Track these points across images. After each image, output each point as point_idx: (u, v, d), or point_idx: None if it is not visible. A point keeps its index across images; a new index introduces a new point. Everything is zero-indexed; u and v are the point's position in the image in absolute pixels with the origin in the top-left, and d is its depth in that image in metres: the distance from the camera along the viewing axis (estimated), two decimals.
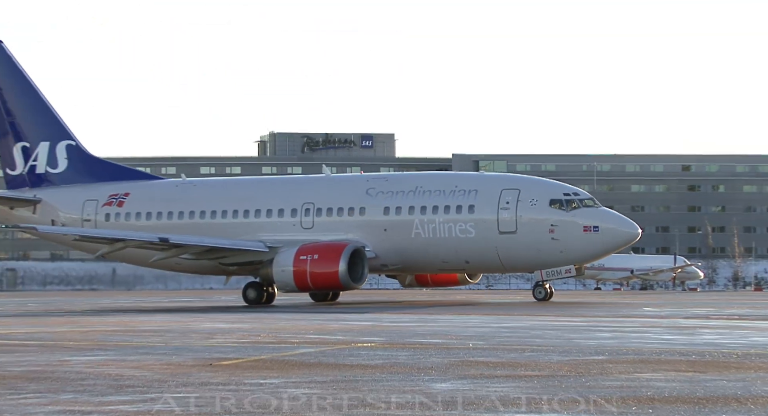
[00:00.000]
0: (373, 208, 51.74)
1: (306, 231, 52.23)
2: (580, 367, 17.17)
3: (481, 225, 49.45)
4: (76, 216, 57.15)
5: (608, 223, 48.62)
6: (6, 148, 60.11)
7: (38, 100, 60.12)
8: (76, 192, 58.07)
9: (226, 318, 36.34)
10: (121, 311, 43.87)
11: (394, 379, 15.52)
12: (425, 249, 50.81)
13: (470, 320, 33.32)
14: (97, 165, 60.57)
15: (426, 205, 50.64)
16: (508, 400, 13.14)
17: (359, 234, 51.21)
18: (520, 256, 49.64)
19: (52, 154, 59.42)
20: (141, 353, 20.67)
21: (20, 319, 36.52)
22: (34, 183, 59.24)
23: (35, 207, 58.39)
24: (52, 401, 13.37)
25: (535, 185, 50.91)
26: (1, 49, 60.18)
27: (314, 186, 56.13)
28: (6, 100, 59.69)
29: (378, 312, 39.87)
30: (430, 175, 55.95)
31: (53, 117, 60.20)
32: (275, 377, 15.97)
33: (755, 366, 17.31)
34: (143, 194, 57.53)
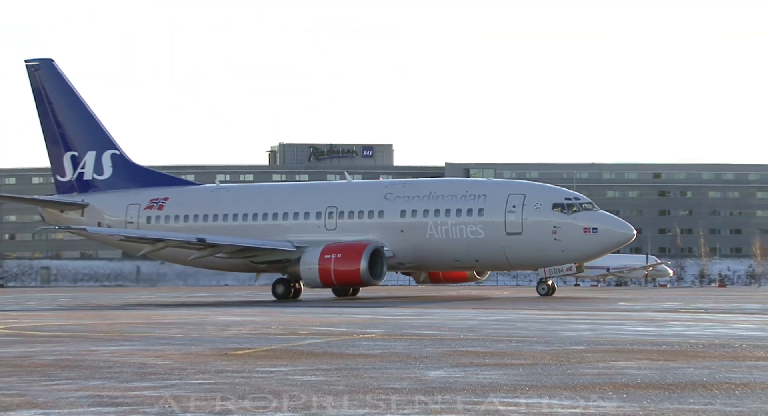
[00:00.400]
0: (390, 211, 51.71)
1: (330, 232, 52.24)
2: (560, 356, 17.17)
3: (489, 227, 49.36)
4: (120, 219, 57.34)
5: (606, 225, 48.55)
6: (57, 157, 60.41)
7: (85, 112, 60.47)
8: (119, 197, 58.30)
9: (240, 311, 36.34)
10: (145, 305, 43.84)
11: (392, 367, 15.51)
12: (438, 248, 50.72)
13: (461, 313, 33.31)
14: (138, 172, 60.84)
15: (439, 208, 50.63)
16: (496, 386, 13.13)
17: (378, 235, 51.14)
18: (526, 255, 49.58)
19: (98, 162, 59.70)
20: (163, 343, 20.66)
21: (53, 313, 36.49)
22: (82, 188, 59.60)
23: (83, 210, 58.66)
24: (81, 387, 13.37)
25: (539, 190, 50.80)
26: (52, 66, 60.61)
27: (337, 191, 56.22)
28: (56, 113, 60.02)
29: (390, 307, 39.88)
30: (443, 181, 56.07)
31: (99, 128, 60.48)
32: (284, 365, 15.96)
33: (719, 355, 17.31)
34: (181, 198, 57.63)
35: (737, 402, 11.62)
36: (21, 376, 14.62)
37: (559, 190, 50.88)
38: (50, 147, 60.65)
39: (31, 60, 60.72)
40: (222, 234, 53.73)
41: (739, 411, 10.91)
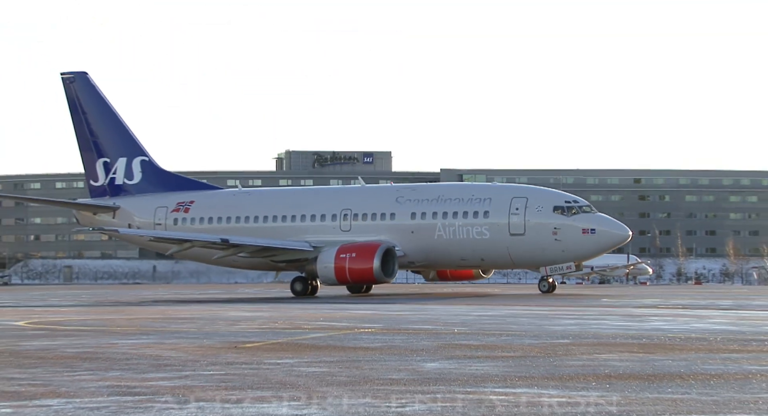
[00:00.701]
0: (401, 214, 51.62)
1: (344, 233, 52.14)
2: (548, 349, 17.17)
3: (494, 228, 49.26)
4: (149, 221, 57.38)
5: (603, 226, 48.44)
6: (90, 163, 60.55)
7: (117, 122, 60.69)
8: (148, 200, 58.38)
9: (249, 308, 36.32)
10: (161, 302, 43.84)
11: (390, 359, 15.51)
12: (446, 248, 50.59)
13: (456, 309, 33.27)
14: (166, 177, 60.94)
15: (447, 210, 50.53)
16: (487, 377, 13.14)
17: (390, 236, 51.04)
18: (528, 255, 49.49)
19: (129, 168, 59.86)
20: (177, 337, 20.66)
21: (75, 308, 36.50)
22: (114, 192, 59.72)
23: (114, 213, 58.74)
24: (101, 377, 13.37)
25: (540, 194, 50.73)
26: (86, 79, 60.81)
27: (351, 195, 56.30)
28: (90, 122, 60.22)
29: (390, 303, 39.83)
30: (451, 185, 55.84)
31: (129, 136, 60.66)
32: (290, 357, 15.96)
33: (695, 348, 17.31)
34: (206, 202, 57.60)
35: (712, 391, 11.63)
36: (45, 367, 14.63)
37: (559, 194, 50.77)
38: (84, 154, 60.90)
39: (66, 72, 61.00)
40: (244, 235, 53.64)
41: (714, 400, 10.91)
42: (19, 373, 13.95)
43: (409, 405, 10.70)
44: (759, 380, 12.67)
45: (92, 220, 59.60)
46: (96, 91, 60.68)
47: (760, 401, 10.88)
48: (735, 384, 12.25)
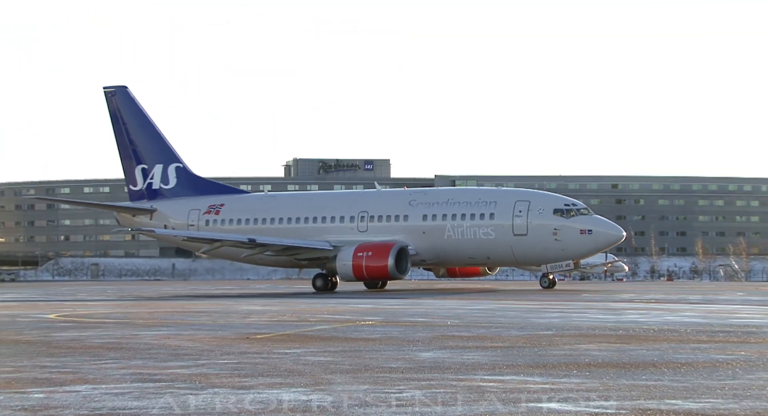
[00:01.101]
0: (414, 216, 51.49)
1: (362, 233, 52.04)
2: (533, 340, 17.17)
3: (499, 229, 49.13)
4: (182, 222, 57.39)
5: (600, 227, 48.28)
6: (129, 170, 60.74)
7: (154, 132, 60.87)
8: (182, 203, 58.39)
9: (259, 302, 36.29)
10: (179, 296, 43.83)
11: (389, 349, 15.51)
12: (455, 247, 50.45)
13: (449, 303, 33.25)
14: (198, 182, 60.93)
15: (456, 213, 50.40)
16: (478, 365, 13.14)
17: (403, 236, 50.91)
18: (530, 254, 49.30)
19: (165, 174, 60.01)
20: (194, 329, 20.66)
21: (101, 303, 36.50)
22: (151, 196, 59.85)
23: (151, 215, 58.86)
24: (125, 365, 13.38)
25: (542, 197, 50.52)
26: (126, 93, 60.98)
27: (368, 198, 56.01)
28: (130, 132, 60.41)
29: (389, 298, 39.81)
30: (459, 190, 55.65)
31: (165, 145, 60.80)
32: (298, 347, 15.96)
33: (667, 338, 17.32)
34: (235, 205, 57.54)
35: (682, 378, 11.63)
36: (74, 356, 14.63)
37: (559, 198, 50.52)
38: (124, 161, 61.14)
39: (108, 87, 61.30)
40: (269, 236, 53.58)
41: (684, 387, 10.92)
42: (50, 362, 13.95)
43: (406, 391, 10.70)
44: (725, 368, 12.67)
45: (131, 221, 59.87)
46: (135, 103, 60.95)
47: (726, 387, 10.88)
48: (703, 372, 12.25)
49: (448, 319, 23.39)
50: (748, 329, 19.60)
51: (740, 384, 11.10)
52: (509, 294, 44.19)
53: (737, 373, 12.12)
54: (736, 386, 10.98)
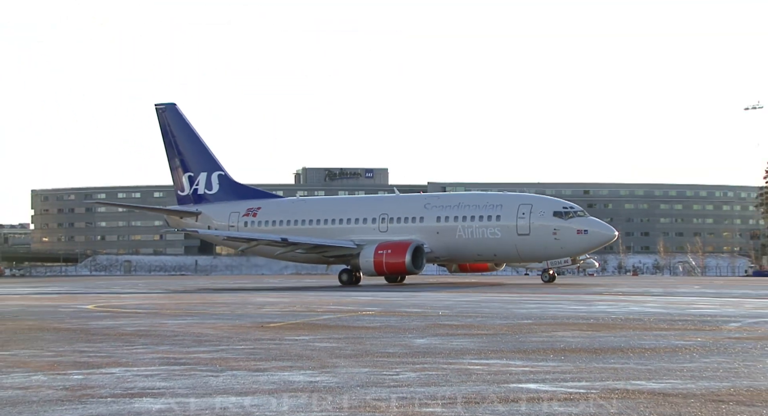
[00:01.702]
0: (429, 217, 51.32)
1: (382, 233, 51.93)
2: (514, 328, 17.16)
3: (504, 230, 48.98)
4: (224, 224, 57.38)
5: (594, 228, 48.16)
6: (178, 177, 61.00)
7: (199, 143, 60.99)
8: (224, 207, 58.38)
9: (272, 294, 36.29)
10: (202, 290, 43.80)
11: (387, 336, 15.50)
12: (465, 246, 50.26)
13: (441, 296, 33.21)
14: (238, 188, 60.85)
15: (466, 215, 50.27)
16: (466, 350, 13.12)
17: (419, 236, 50.75)
18: (532, 251, 49.15)
19: (209, 180, 60.10)
20: (214, 318, 20.63)
21: (132, 295, 36.48)
22: (196, 201, 59.97)
23: (197, 217, 58.93)
24: (153, 350, 13.36)
25: (543, 201, 50.48)
26: (175, 109, 61.21)
27: (388, 202, 55.94)
28: (178, 144, 60.69)
29: (388, 291, 39.77)
30: (469, 195, 55.12)
31: (209, 155, 60.87)
32: (306, 335, 15.94)
33: (633, 326, 17.30)
34: (270, 208, 57.42)
35: (646, 362, 11.62)
36: (108, 342, 14.61)
37: (558, 201, 50.40)
38: (173, 169, 61.39)
39: (159, 104, 61.57)
40: (301, 235, 53.53)
41: (648, 369, 10.91)
42: (87, 347, 13.94)
43: (402, 373, 10.69)
44: (684, 352, 12.66)
45: (179, 223, 60.16)
46: (183, 118, 61.18)
47: (685, 369, 10.87)
48: (665, 356, 12.24)
49: (439, 310, 23.36)
50: (704, 318, 19.59)
51: (697, 367, 11.09)
52: (511, 286, 44.16)
53: (694, 357, 12.11)
54: (693, 368, 10.97)
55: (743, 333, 15.93)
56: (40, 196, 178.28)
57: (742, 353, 12.58)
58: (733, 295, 32.23)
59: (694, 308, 23.75)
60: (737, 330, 16.42)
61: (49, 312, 23.17)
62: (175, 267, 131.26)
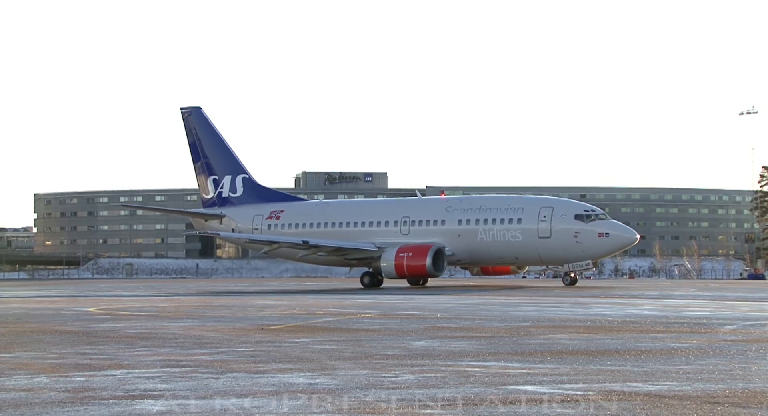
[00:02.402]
0: (450, 220, 50.71)
1: (404, 236, 51.39)
2: (512, 330, 17.15)
3: (526, 233, 48.29)
4: (248, 227, 57.08)
5: (616, 231, 47.54)
6: (203, 180, 60.74)
7: (224, 147, 60.79)
8: (248, 210, 58.10)
9: (272, 298, 36.25)
10: (203, 292, 43.75)
11: (386, 339, 15.49)
12: (487, 249, 49.61)
13: (439, 299, 33.19)
14: (261, 191, 60.66)
15: (487, 218, 49.64)
16: (464, 353, 13.12)
17: (441, 239, 50.17)
18: (553, 254, 48.41)
19: (233, 184, 59.84)
20: (215, 321, 20.62)
21: (134, 298, 36.46)
22: (221, 203, 59.68)
23: (221, 220, 58.64)
24: (155, 352, 13.35)
25: (564, 204, 49.74)
26: (200, 113, 61.07)
27: (410, 205, 55.03)
28: (204, 148, 60.45)
29: (387, 294, 39.75)
30: (490, 198, 54.11)
31: (233, 158, 60.67)
32: (306, 337, 15.93)
33: (629, 329, 17.30)
34: (293, 211, 57.07)
35: (642, 364, 11.62)
36: (111, 345, 14.60)
37: (580, 204, 49.70)
38: (198, 172, 61.16)
39: (185, 107, 61.42)
40: (323, 238, 53.10)
41: (644, 371, 10.90)
42: (90, 349, 13.93)
43: (401, 375, 10.68)
44: (680, 355, 12.66)
45: (204, 226, 59.99)
46: (208, 121, 61.01)
47: (680, 371, 10.87)
48: (661, 358, 12.24)
49: (437, 312, 23.35)
50: (700, 321, 19.59)
51: (693, 369, 11.08)
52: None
53: (690, 359, 12.11)
54: (689, 370, 10.96)
55: (738, 335, 15.92)
56: (43, 199, 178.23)
57: (737, 355, 12.58)
58: (728, 298, 32.22)
59: (690, 311, 23.74)
60: (732, 333, 16.41)
61: (51, 315, 23.15)
62: (176, 270, 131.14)
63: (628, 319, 20.08)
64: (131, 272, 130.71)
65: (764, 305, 26.99)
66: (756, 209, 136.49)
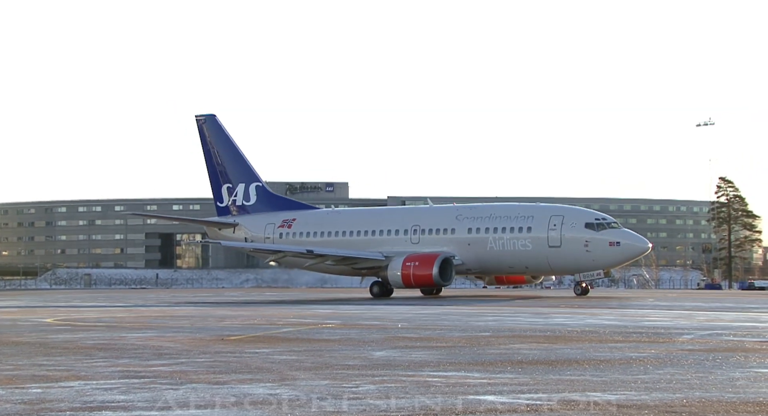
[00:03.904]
0: (460, 229, 50.16)
1: (414, 245, 50.92)
2: (472, 340, 17.19)
3: (536, 241, 47.69)
4: (260, 235, 56.60)
5: (627, 240, 46.78)
6: (217, 188, 60.37)
7: (238, 154, 60.45)
8: (260, 218, 57.65)
9: (232, 308, 36.07)
10: (162, 303, 43.42)
11: (346, 349, 15.47)
12: (497, 258, 49.02)
13: (400, 309, 33.20)
14: (274, 199, 60.58)
15: (497, 226, 49.08)
16: (424, 363, 13.13)
17: (451, 247, 49.65)
18: (564, 264, 47.75)
19: (247, 192, 59.49)
20: (175, 331, 20.48)
21: (92, 308, 36.11)
22: (235, 212, 59.39)
23: (234, 228, 58.21)
24: (113, 364, 13.23)
25: (574, 212, 49.01)
26: (215, 120, 60.70)
27: (420, 213, 54.71)
28: (218, 155, 60.12)
29: (348, 304, 39.69)
30: (500, 205, 53.15)
31: (247, 166, 60.34)
32: (266, 347, 15.87)
33: (588, 339, 17.41)
34: (305, 219, 56.55)
35: (601, 373, 11.69)
36: (68, 356, 14.45)
37: (590, 212, 49.22)
38: (212, 180, 60.74)
39: (199, 115, 61.09)
40: (335, 247, 52.50)
41: (602, 380, 10.97)
42: (46, 360, 13.77)
43: (362, 386, 10.66)
44: (638, 364, 12.76)
45: (217, 234, 59.55)
46: (222, 129, 60.64)
47: (638, 381, 10.96)
48: (619, 368, 12.33)
49: (398, 322, 23.36)
50: (657, 330, 19.76)
51: (651, 378, 11.17)
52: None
53: (648, 369, 12.21)
54: (647, 380, 11.05)
55: (696, 345, 16.08)
56: (0, 209, 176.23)
57: (694, 365, 12.70)
58: (685, 308, 32.55)
59: (648, 320, 23.95)
60: (690, 343, 16.57)
61: (7, 326, 22.86)
62: (135, 281, 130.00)
63: (587, 329, 20.21)
64: (90, 282, 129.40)
65: (721, 315, 27.30)
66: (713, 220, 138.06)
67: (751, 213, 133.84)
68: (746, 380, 11.08)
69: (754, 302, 40.55)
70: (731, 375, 11.55)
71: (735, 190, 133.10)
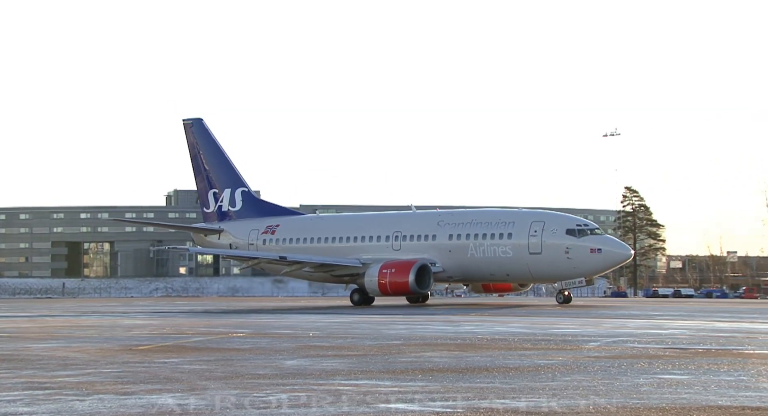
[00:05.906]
0: (441, 235, 49.32)
1: (395, 251, 50.05)
2: (384, 349, 17.24)
3: (516, 248, 46.82)
4: (244, 241, 55.64)
5: (609, 247, 45.96)
6: (203, 193, 59.58)
7: (224, 159, 59.46)
8: (245, 224, 56.67)
9: (142, 317, 35.49)
10: (69, 313, 42.48)
11: (257, 358, 15.37)
12: (478, 265, 48.17)
13: (312, 317, 33.13)
14: (260, 204, 59.61)
15: (478, 232, 48.21)
16: (336, 371, 13.12)
17: (432, 254, 48.84)
18: (545, 271, 46.88)
19: (232, 197, 58.53)
20: (81, 341, 20.07)
21: None
22: (220, 218, 58.34)
23: (219, 234, 57.25)
24: (17, 375, 12.91)
25: (555, 218, 47.98)
26: (202, 124, 59.70)
27: (401, 219, 53.49)
28: (204, 160, 59.17)
29: (259, 314, 39.36)
30: (482, 211, 52.20)
31: (233, 171, 59.41)
32: (176, 357, 15.67)
33: (498, 346, 17.60)
34: (289, 225, 55.61)
35: (510, 380, 11.84)
36: None
37: (572, 218, 48.51)
38: (199, 185, 59.92)
39: (187, 119, 60.06)
40: (317, 254, 51.66)
41: (512, 387, 11.11)
42: None
43: (273, 394, 10.61)
44: (546, 371, 12.95)
45: (203, 241, 58.66)
46: (209, 134, 59.63)
47: (547, 387, 11.12)
48: (528, 375, 12.50)
49: (310, 331, 23.29)
50: (565, 338, 20.08)
51: (558, 385, 11.35)
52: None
53: (556, 376, 12.40)
54: (555, 386, 11.22)
55: (602, 352, 16.39)
56: None
57: (600, 371, 12.94)
58: (592, 316, 33.13)
59: (556, 328, 24.31)
60: (596, 350, 16.88)
61: None
62: (41, 290, 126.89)
63: (496, 337, 20.43)
64: None
65: (626, 322, 27.87)
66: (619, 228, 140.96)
67: (656, 223, 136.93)
68: (650, 386, 11.33)
69: (658, 309, 41.49)
70: (636, 381, 11.81)
71: (640, 200, 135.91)
